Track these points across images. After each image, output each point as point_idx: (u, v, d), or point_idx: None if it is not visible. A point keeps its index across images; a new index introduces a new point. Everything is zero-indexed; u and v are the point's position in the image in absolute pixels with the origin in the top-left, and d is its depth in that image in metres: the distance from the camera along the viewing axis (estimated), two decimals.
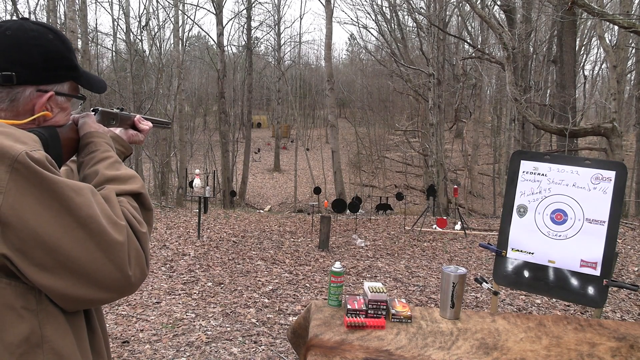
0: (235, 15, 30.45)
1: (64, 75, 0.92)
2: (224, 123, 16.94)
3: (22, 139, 0.78)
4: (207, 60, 24.80)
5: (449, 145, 22.64)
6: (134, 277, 0.81)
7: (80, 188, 0.79)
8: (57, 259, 0.75)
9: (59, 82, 0.91)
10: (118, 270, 0.78)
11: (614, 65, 11.47)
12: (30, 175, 0.73)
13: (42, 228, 0.73)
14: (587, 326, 1.81)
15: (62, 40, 0.92)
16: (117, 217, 0.82)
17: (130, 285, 0.81)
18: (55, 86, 0.90)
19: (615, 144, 7.94)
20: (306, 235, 8.07)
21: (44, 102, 0.88)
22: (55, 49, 0.89)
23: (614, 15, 7.16)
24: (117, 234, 0.79)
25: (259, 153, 30.69)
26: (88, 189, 0.80)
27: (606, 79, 22.07)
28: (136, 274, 0.82)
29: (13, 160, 0.73)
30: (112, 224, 0.79)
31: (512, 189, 2.59)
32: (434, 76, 13.72)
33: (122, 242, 0.79)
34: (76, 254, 0.75)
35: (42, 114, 0.88)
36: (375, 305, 1.77)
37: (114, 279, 0.79)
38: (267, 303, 4.27)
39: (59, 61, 0.90)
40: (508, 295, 4.71)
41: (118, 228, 0.80)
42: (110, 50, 20.88)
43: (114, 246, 0.78)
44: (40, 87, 0.88)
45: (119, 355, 3.04)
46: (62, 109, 0.94)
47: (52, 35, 0.90)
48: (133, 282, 0.81)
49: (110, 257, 0.78)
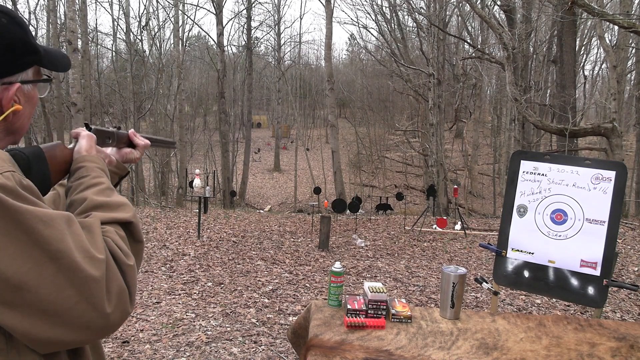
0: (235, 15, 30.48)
1: (27, 62, 0.82)
2: (224, 123, 16.95)
3: None
4: (207, 60, 24.81)
5: (449, 145, 22.65)
6: (112, 316, 0.73)
7: (52, 218, 0.71)
8: (24, 297, 0.67)
9: (22, 70, 0.82)
10: (92, 309, 0.71)
11: (614, 65, 11.47)
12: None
13: (6, 263, 0.66)
14: (587, 326, 1.81)
15: (18, 22, 0.81)
16: (96, 249, 0.74)
17: (109, 324, 0.74)
18: (19, 75, 0.81)
19: (615, 144, 7.94)
20: (306, 235, 8.07)
21: (11, 96, 0.80)
22: (13, 35, 0.79)
23: (614, 15, 7.16)
24: (93, 268, 0.72)
25: (259, 153, 30.70)
26: (62, 219, 0.73)
27: (606, 79, 22.06)
28: (116, 312, 0.74)
29: None
30: (87, 258, 0.72)
31: (512, 189, 2.59)
32: (434, 76, 13.72)
33: (97, 277, 0.72)
34: (45, 291, 0.68)
35: (12, 109, 0.80)
36: (375, 305, 1.77)
37: (88, 318, 0.71)
38: (267, 303, 4.27)
39: (20, 48, 0.80)
40: (508, 295, 4.71)
41: (94, 262, 0.73)
42: (110, 50, 20.90)
43: (88, 282, 0.71)
44: (4, 80, 0.79)
45: (119, 355, 3.04)
46: (29, 98, 0.85)
47: (6, 19, 0.79)
48: (112, 320, 0.74)
49: (84, 294, 0.70)
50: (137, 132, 1.19)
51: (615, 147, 7.94)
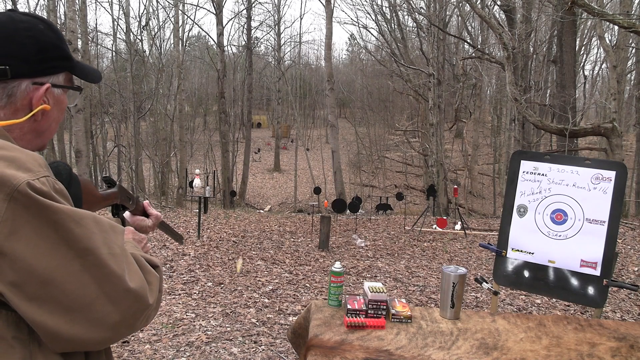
0: (235, 15, 30.45)
1: (59, 66, 0.88)
2: (224, 123, 16.95)
3: (27, 164, 0.74)
4: (207, 60, 24.80)
5: (449, 145, 22.65)
6: (133, 309, 0.76)
7: (82, 217, 0.75)
8: (50, 292, 0.71)
9: (54, 73, 0.87)
10: (111, 304, 0.74)
11: (614, 65, 11.47)
12: (29, 204, 0.70)
13: (37, 260, 0.70)
14: (587, 326, 1.81)
15: (53, 30, 0.88)
16: (119, 247, 0.78)
17: (128, 318, 0.76)
18: (50, 78, 0.86)
19: (615, 144, 7.94)
20: (306, 235, 8.07)
21: (41, 95, 0.84)
22: (47, 39, 0.85)
23: (614, 15, 7.16)
24: (116, 265, 0.75)
25: (259, 153, 30.70)
26: (91, 218, 0.77)
27: (606, 79, 22.06)
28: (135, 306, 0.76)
29: (13, 189, 0.69)
30: (111, 255, 0.76)
31: (512, 189, 2.59)
32: (434, 76, 13.72)
33: (119, 274, 0.75)
34: (70, 287, 0.71)
35: (40, 107, 0.84)
36: (375, 305, 1.77)
37: (106, 312, 0.74)
38: (267, 303, 4.27)
39: (53, 52, 0.86)
40: (508, 295, 4.71)
41: (117, 259, 0.76)
42: (110, 50, 20.89)
43: (110, 277, 0.74)
44: (36, 80, 0.84)
45: (119, 355, 3.04)
46: (58, 102, 0.90)
47: (43, 25, 0.86)
48: (133, 313, 0.76)
49: (104, 288, 0.73)
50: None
51: (615, 147, 7.94)
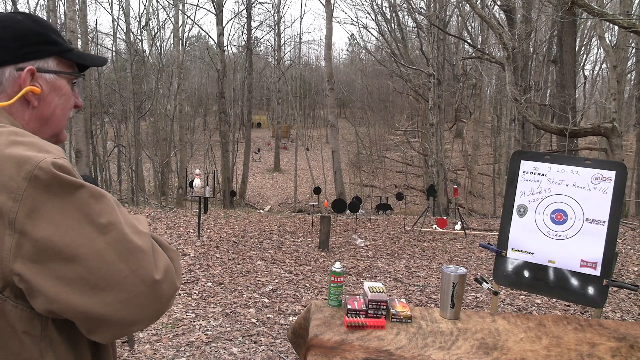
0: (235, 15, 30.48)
1: (42, 51, 0.87)
2: (224, 123, 16.95)
3: (46, 147, 0.76)
4: (207, 60, 24.81)
5: (449, 145, 22.65)
6: (163, 285, 0.74)
7: (102, 195, 0.75)
8: (76, 270, 0.70)
9: (37, 58, 0.87)
10: (141, 282, 0.72)
11: (614, 65, 11.47)
12: (50, 182, 0.70)
13: (59, 237, 0.69)
14: (587, 326, 1.81)
15: (34, 19, 0.88)
16: (142, 226, 0.78)
17: (159, 296, 0.74)
18: (35, 62, 0.86)
19: (615, 144, 7.94)
20: (306, 235, 8.07)
21: (24, 78, 0.84)
22: (25, 27, 0.86)
23: (614, 15, 7.16)
24: (141, 240, 0.74)
25: (259, 153, 30.69)
26: (111, 197, 0.77)
27: (606, 79, 22.06)
28: (165, 283, 0.75)
29: (34, 166, 0.70)
30: (135, 232, 0.75)
31: (512, 189, 2.59)
32: (434, 76, 13.72)
33: (145, 249, 0.74)
34: (95, 265, 0.70)
35: (26, 89, 0.84)
36: (375, 305, 1.77)
37: (138, 291, 0.72)
38: (267, 303, 4.27)
39: (32, 38, 0.86)
40: (508, 295, 4.71)
41: (141, 236, 0.75)
42: (110, 50, 20.89)
43: (136, 253, 0.73)
44: (19, 66, 0.84)
45: (119, 355, 3.04)
46: (54, 87, 0.89)
47: (22, 16, 0.87)
48: (162, 291, 0.74)
49: (133, 266, 0.72)
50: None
51: (615, 147, 7.94)
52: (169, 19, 18.82)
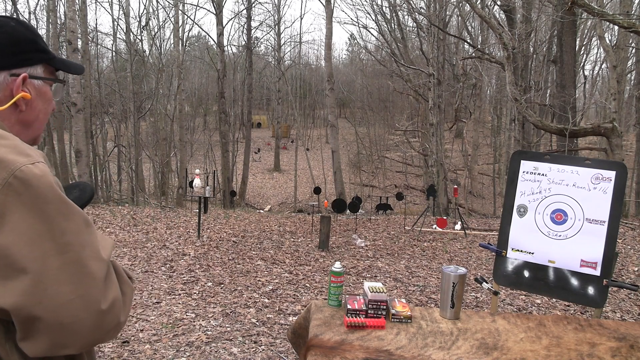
0: (235, 15, 30.47)
1: (35, 58, 0.91)
2: (224, 123, 16.94)
3: (26, 151, 0.77)
4: (207, 60, 24.81)
5: (449, 145, 22.65)
6: (106, 317, 0.74)
7: (73, 213, 0.75)
8: (24, 282, 0.70)
9: (30, 65, 0.90)
10: (85, 308, 0.72)
11: (614, 65, 11.47)
12: (22, 192, 0.71)
13: (17, 247, 0.69)
14: (587, 326, 1.81)
15: (25, 26, 0.91)
16: (104, 253, 0.78)
17: (99, 326, 0.74)
18: (27, 69, 0.89)
19: (615, 144, 7.94)
20: (306, 235, 8.07)
21: (19, 85, 0.87)
22: (19, 34, 0.89)
23: (614, 15, 7.16)
24: (97, 267, 0.74)
25: (259, 153, 30.69)
26: (81, 217, 0.77)
27: (606, 79, 22.07)
28: (109, 316, 0.75)
29: (10, 173, 0.71)
30: (94, 258, 0.75)
31: (512, 189, 2.59)
32: (434, 76, 13.72)
33: (97, 277, 0.74)
34: (44, 282, 0.70)
35: (20, 95, 0.87)
36: (375, 305, 1.77)
37: (80, 317, 0.72)
38: (267, 303, 4.27)
39: (26, 44, 0.89)
40: (508, 295, 4.71)
41: (100, 263, 0.75)
42: (110, 50, 20.89)
43: (87, 279, 0.73)
44: (13, 72, 0.87)
45: (119, 355, 3.04)
46: (40, 93, 0.92)
47: (14, 22, 0.90)
48: (104, 322, 0.74)
49: (80, 291, 0.72)
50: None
51: (615, 147, 7.94)
52: (169, 19, 18.83)
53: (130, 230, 7.59)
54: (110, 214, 9.11)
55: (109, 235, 7.10)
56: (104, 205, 10.74)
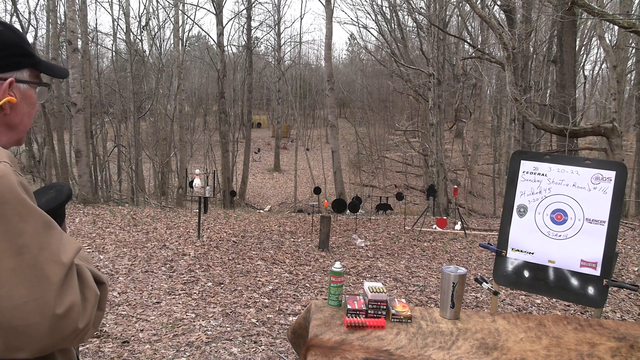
0: (235, 15, 30.46)
1: (22, 62, 0.91)
2: (224, 123, 16.94)
3: None
4: (207, 60, 24.81)
5: (449, 145, 22.65)
6: (60, 323, 0.72)
7: (31, 215, 0.74)
8: None
9: (17, 69, 0.90)
10: (39, 312, 0.70)
11: (614, 65, 11.47)
12: None
13: None
14: (587, 326, 1.81)
15: (13, 30, 0.91)
16: (64, 256, 0.76)
17: (53, 331, 0.72)
18: (14, 73, 0.89)
19: (615, 144, 7.94)
20: (306, 235, 8.07)
21: (5, 89, 0.87)
22: (7, 38, 0.89)
23: (614, 15, 7.16)
24: (53, 271, 0.73)
25: (259, 153, 30.69)
26: (40, 219, 0.75)
27: (606, 79, 22.08)
28: (64, 322, 0.73)
29: None
30: (52, 261, 0.73)
31: (512, 189, 2.59)
32: (434, 76, 13.72)
33: (54, 281, 0.72)
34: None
35: (6, 99, 0.87)
36: (375, 305, 1.77)
37: (33, 321, 0.70)
38: (267, 303, 4.27)
39: (13, 49, 0.90)
40: (508, 295, 4.71)
41: (57, 266, 0.73)
42: (110, 50, 20.90)
43: (42, 283, 0.71)
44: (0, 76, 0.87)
45: (119, 355, 3.04)
46: (25, 96, 0.92)
47: (1, 26, 0.90)
48: (59, 326, 0.72)
49: (34, 295, 0.70)
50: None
51: (615, 147, 7.93)
52: (169, 19, 18.83)
53: (130, 230, 7.59)
54: (110, 214, 9.11)
55: (108, 235, 7.11)
56: (104, 205, 10.74)
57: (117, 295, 4.31)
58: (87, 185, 10.67)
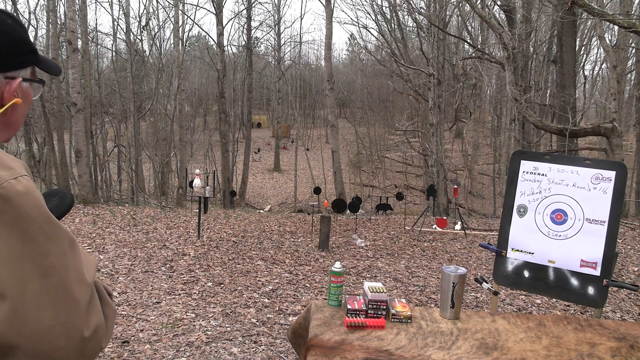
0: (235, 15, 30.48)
1: (28, 60, 0.87)
2: (224, 123, 16.94)
3: (9, 163, 0.72)
4: (207, 60, 24.82)
5: (449, 145, 22.65)
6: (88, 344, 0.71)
7: (57, 234, 0.71)
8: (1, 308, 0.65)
9: (24, 67, 0.86)
10: (66, 336, 0.68)
11: (614, 65, 11.47)
12: (3, 210, 0.66)
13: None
14: (587, 326, 1.81)
15: (19, 24, 0.87)
16: (88, 275, 0.74)
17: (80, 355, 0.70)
18: (20, 72, 0.85)
19: (615, 144, 7.94)
20: (306, 235, 8.07)
21: (14, 89, 0.83)
22: (17, 34, 0.84)
23: (614, 15, 7.16)
24: (80, 293, 0.71)
25: (259, 153, 30.69)
26: (66, 238, 0.73)
27: (606, 79, 22.08)
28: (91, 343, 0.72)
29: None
30: (78, 282, 0.71)
31: (512, 189, 2.59)
32: (434, 76, 13.72)
33: (82, 303, 0.71)
34: (23, 308, 0.66)
35: (13, 101, 0.83)
36: (375, 305, 1.77)
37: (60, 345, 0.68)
38: (267, 303, 4.27)
39: (22, 46, 0.85)
40: (508, 295, 4.71)
41: (83, 287, 0.72)
42: (110, 50, 20.90)
43: (71, 305, 0.69)
44: (8, 74, 0.83)
45: (119, 355, 3.04)
46: (26, 95, 0.88)
47: (11, 20, 0.85)
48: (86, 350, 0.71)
49: (62, 318, 0.68)
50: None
51: (615, 147, 7.94)
52: (169, 19, 18.83)
53: (130, 230, 7.59)
54: (110, 214, 9.11)
55: (108, 235, 7.11)
56: (104, 205, 10.74)
57: (117, 295, 4.31)
58: (87, 185, 10.67)
